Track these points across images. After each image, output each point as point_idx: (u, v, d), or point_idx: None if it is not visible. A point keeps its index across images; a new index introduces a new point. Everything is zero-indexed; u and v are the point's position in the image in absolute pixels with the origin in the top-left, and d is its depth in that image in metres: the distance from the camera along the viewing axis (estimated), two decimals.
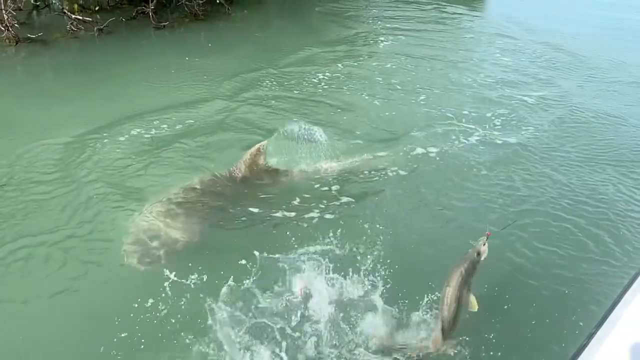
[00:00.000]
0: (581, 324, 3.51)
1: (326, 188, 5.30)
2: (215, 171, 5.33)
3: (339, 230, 4.29)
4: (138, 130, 6.36)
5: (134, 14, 11.50)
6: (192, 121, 6.71)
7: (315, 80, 8.39)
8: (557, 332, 3.54)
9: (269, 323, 3.46)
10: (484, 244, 3.16)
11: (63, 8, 10.51)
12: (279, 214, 4.80)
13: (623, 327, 1.98)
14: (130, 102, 7.23)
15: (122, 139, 6.14)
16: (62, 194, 4.98)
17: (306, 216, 4.80)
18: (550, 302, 3.82)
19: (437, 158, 5.97)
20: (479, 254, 3.15)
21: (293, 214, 4.83)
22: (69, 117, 6.71)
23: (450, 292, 3.07)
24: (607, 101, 8.14)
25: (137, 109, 6.94)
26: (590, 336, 1.97)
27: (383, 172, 5.61)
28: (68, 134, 6.14)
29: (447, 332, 3.13)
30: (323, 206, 4.95)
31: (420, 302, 3.62)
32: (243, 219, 4.72)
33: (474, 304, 3.07)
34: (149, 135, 6.26)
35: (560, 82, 8.89)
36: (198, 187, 5.04)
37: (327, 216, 4.82)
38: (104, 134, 6.21)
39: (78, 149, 5.87)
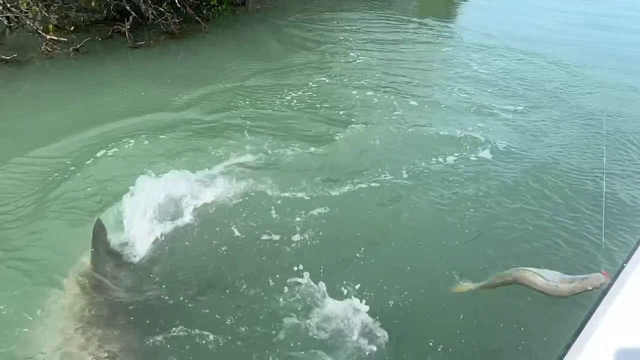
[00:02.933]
0: (559, 334, 3.57)
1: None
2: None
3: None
4: (107, 150, 6.36)
5: (109, 34, 11.43)
6: (163, 136, 6.77)
7: (288, 98, 8.43)
8: (536, 342, 3.59)
9: None
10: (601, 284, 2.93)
11: (37, 28, 10.40)
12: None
13: (599, 336, 2.02)
14: (101, 122, 7.16)
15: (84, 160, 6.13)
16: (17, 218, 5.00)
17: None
18: (527, 313, 3.88)
19: (417, 172, 6.05)
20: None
21: None
22: (33, 137, 6.64)
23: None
24: (583, 107, 8.40)
25: (106, 129, 6.92)
26: (568, 346, 2.01)
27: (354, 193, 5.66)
28: (27, 154, 6.14)
29: None
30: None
31: None
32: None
33: None
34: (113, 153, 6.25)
35: (534, 92, 9.12)
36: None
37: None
38: (70, 155, 6.22)
39: (37, 169, 5.85)
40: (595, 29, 14.72)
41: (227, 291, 4.16)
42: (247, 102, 8.21)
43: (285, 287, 4.08)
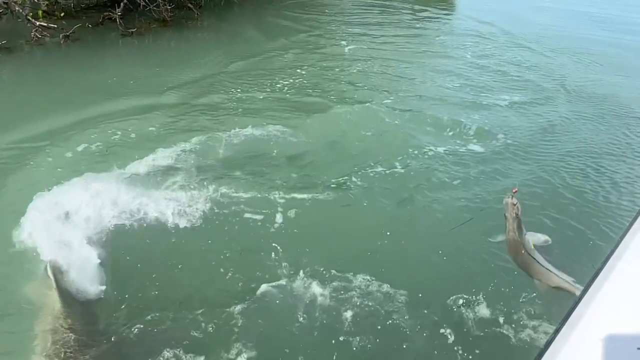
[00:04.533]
0: (548, 320, 3.65)
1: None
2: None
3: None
4: (94, 136, 6.33)
5: (100, 20, 11.31)
6: (153, 129, 6.70)
7: (279, 86, 8.43)
8: (525, 329, 3.66)
9: None
10: (511, 197, 3.52)
11: (27, 14, 10.26)
12: None
13: (588, 322, 2.07)
14: (90, 111, 7.12)
15: (72, 146, 6.10)
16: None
17: None
18: (517, 299, 3.95)
19: (409, 162, 6.08)
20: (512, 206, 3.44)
21: None
22: (20, 124, 6.61)
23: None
24: (579, 98, 8.45)
25: (95, 117, 6.89)
26: (556, 332, 2.06)
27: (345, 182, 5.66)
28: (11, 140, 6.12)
29: None
30: None
31: None
32: None
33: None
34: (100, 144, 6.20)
35: (531, 82, 9.15)
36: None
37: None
38: (53, 141, 6.19)
39: (20, 155, 5.84)
40: (593, 18, 14.80)
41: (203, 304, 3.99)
42: (237, 89, 8.19)
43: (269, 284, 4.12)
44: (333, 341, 3.59)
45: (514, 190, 3.60)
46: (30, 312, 3.69)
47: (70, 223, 4.53)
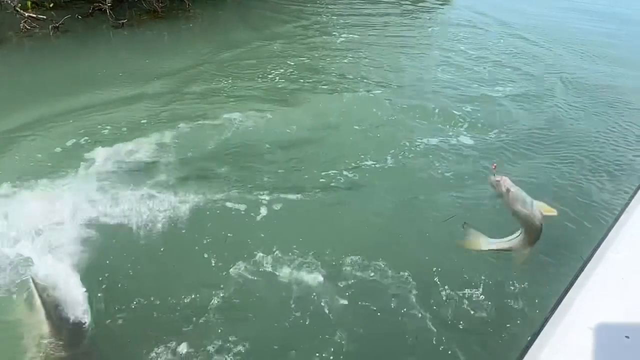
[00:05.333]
0: (538, 309, 3.69)
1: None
2: None
3: None
4: (82, 131, 6.28)
5: (90, 11, 11.18)
6: (140, 120, 6.66)
7: (270, 76, 8.38)
8: (515, 317, 3.70)
9: None
10: (494, 175, 3.30)
11: (15, 5, 10.12)
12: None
13: (576, 310, 2.10)
14: (78, 103, 7.05)
15: (59, 138, 6.07)
16: None
17: None
18: (507, 289, 3.98)
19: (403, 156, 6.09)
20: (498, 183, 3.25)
21: None
22: (6, 116, 6.55)
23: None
24: (573, 89, 8.46)
25: (82, 109, 6.83)
26: (546, 320, 2.09)
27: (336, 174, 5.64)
28: None
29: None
30: None
31: None
32: None
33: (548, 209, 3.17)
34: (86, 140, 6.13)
35: (525, 73, 9.14)
36: None
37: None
38: (39, 133, 6.15)
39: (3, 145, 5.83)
40: (589, 10, 14.84)
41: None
42: (227, 80, 8.14)
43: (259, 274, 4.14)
44: (320, 334, 3.60)
45: (493, 167, 3.40)
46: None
47: (52, 227, 4.42)
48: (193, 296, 3.88)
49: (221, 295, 3.89)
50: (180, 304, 3.82)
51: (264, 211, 4.89)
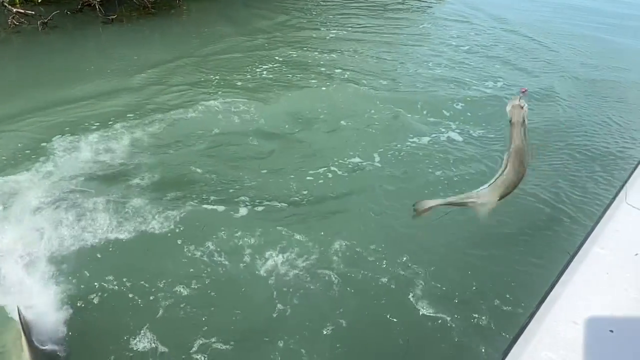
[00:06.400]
0: (524, 304, 3.73)
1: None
2: None
3: None
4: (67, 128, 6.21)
5: (79, 7, 11.09)
6: (128, 115, 6.59)
7: (258, 71, 8.40)
8: (501, 312, 3.75)
9: None
10: (519, 99, 3.00)
11: (3, 1, 10.01)
12: None
13: (562, 305, 2.13)
14: (63, 99, 6.98)
15: (43, 135, 5.99)
16: None
17: None
18: (491, 286, 4.02)
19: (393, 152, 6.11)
20: (522, 107, 2.97)
21: None
22: None
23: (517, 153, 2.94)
24: (565, 86, 8.51)
25: (68, 105, 6.78)
26: (532, 315, 2.12)
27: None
28: None
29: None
30: None
31: None
32: None
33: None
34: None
35: (520, 70, 9.18)
36: None
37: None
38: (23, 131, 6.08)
39: None
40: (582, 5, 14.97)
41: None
42: (216, 75, 8.16)
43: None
44: (307, 328, 3.63)
45: (522, 90, 3.08)
46: None
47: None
48: (170, 293, 3.86)
49: (196, 291, 3.88)
50: (160, 312, 3.74)
51: (243, 210, 4.83)
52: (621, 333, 1.99)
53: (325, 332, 3.58)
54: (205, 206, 4.86)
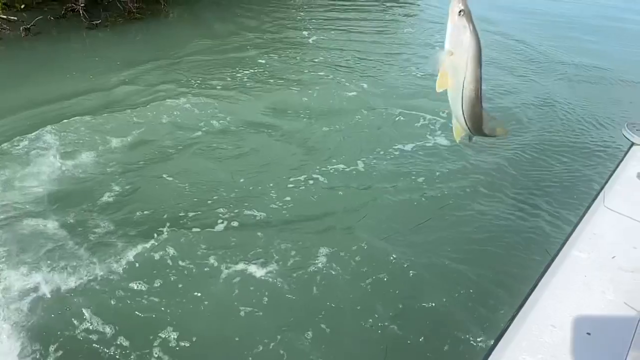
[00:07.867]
0: (504, 309, 3.76)
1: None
2: None
3: None
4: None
5: (63, 12, 10.99)
6: (106, 125, 6.45)
7: (239, 76, 8.41)
8: (481, 317, 3.77)
9: None
10: None
11: None
12: None
13: (541, 308, 2.16)
14: (45, 108, 6.86)
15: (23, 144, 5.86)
16: None
17: None
18: (472, 291, 4.04)
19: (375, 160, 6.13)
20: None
21: None
22: None
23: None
24: (555, 88, 8.63)
25: (50, 114, 6.66)
26: (512, 319, 2.14)
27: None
28: None
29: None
30: None
31: None
32: None
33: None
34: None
35: (506, 74, 9.28)
36: None
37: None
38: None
39: None
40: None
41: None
42: (198, 81, 8.12)
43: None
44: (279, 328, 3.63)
45: None
46: None
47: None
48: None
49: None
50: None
51: (220, 222, 4.75)
52: (598, 335, 2.02)
53: (306, 337, 3.58)
54: (181, 220, 4.76)
